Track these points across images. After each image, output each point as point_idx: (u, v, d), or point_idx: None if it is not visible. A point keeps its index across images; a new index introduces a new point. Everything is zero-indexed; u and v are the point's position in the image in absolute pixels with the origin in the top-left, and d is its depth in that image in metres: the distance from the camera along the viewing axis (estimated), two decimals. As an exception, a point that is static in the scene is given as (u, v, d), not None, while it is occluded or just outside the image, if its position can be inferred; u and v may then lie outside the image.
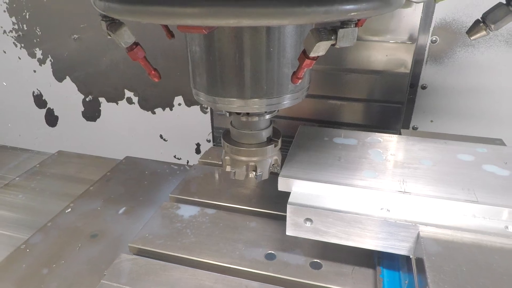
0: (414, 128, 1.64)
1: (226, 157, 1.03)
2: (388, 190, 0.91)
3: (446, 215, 0.87)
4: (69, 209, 1.33)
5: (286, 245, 1.05)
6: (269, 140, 1.00)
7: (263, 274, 0.97)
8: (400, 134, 1.50)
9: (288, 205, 0.91)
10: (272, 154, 1.00)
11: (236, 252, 1.03)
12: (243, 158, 0.98)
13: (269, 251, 1.03)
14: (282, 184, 0.96)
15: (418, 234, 0.84)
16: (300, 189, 0.95)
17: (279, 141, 1.01)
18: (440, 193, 0.90)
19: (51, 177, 1.51)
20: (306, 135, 1.18)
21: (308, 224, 0.91)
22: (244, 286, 0.93)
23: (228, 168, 1.03)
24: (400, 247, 0.87)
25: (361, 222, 0.87)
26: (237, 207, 1.21)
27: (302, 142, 1.13)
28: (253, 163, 0.97)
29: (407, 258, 0.89)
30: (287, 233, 0.94)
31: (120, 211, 1.32)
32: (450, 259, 0.77)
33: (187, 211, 1.19)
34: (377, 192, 0.91)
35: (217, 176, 1.37)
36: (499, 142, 1.24)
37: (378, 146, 1.12)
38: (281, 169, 0.99)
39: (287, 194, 0.94)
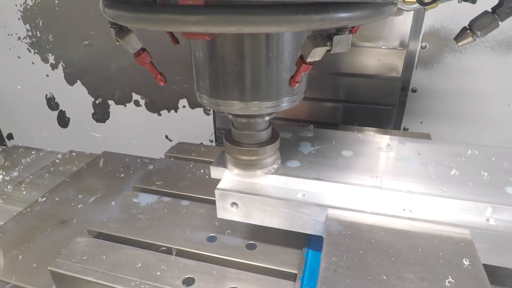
0: (405, 129, 1.64)
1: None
2: (305, 177, 0.94)
3: (353, 199, 0.91)
4: (44, 198, 1.36)
5: (228, 229, 1.08)
6: (268, 141, 1.00)
7: (202, 254, 1.00)
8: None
9: (215, 191, 0.94)
10: (271, 154, 1.00)
11: (182, 235, 1.06)
12: (244, 158, 0.98)
13: (211, 234, 1.06)
14: (215, 172, 1.01)
15: (327, 216, 0.88)
16: (230, 176, 0.99)
17: (278, 141, 1.01)
18: (350, 180, 0.94)
19: (62, 175, 1.52)
20: None
21: (234, 207, 0.95)
22: (182, 264, 0.96)
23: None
24: (314, 228, 0.91)
25: (280, 205, 0.91)
26: (191, 195, 1.23)
27: None
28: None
29: None
30: (218, 216, 0.98)
31: (91, 200, 1.35)
32: (347, 237, 0.81)
33: (145, 199, 1.23)
34: (295, 179, 0.95)
35: (177, 168, 1.40)
36: (426, 136, 1.31)
37: (309, 139, 1.14)
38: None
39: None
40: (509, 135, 1.55)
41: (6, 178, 1.58)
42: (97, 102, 2.06)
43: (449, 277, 0.71)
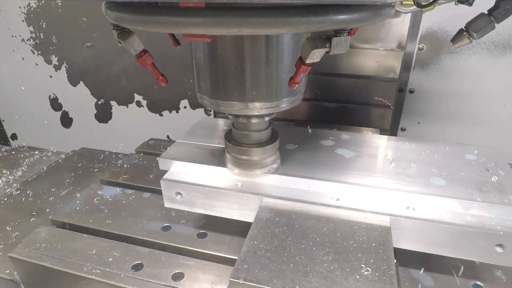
0: (403, 129, 1.64)
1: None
2: (240, 168, 0.99)
3: (287, 189, 0.95)
4: (18, 191, 1.40)
5: (182, 219, 1.12)
6: (268, 141, 1.00)
7: (154, 241, 1.04)
8: (389, 135, 1.50)
9: (161, 181, 0.99)
10: (270, 154, 1.00)
11: (139, 224, 1.10)
12: (244, 157, 0.98)
13: (166, 224, 1.10)
14: (162, 164, 1.05)
15: (260, 204, 0.92)
16: (177, 168, 1.03)
17: (277, 141, 1.01)
18: (286, 171, 0.97)
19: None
20: (203, 124, 1.26)
21: (178, 197, 1.00)
22: (134, 251, 1.00)
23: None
24: (251, 216, 0.93)
25: (219, 194, 0.96)
26: (153, 188, 1.26)
27: (196, 130, 1.22)
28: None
29: None
30: (165, 205, 1.03)
31: (63, 193, 1.39)
32: (274, 223, 0.86)
33: (109, 191, 1.28)
34: (232, 170, 0.99)
35: (144, 162, 1.43)
36: (375, 131, 1.40)
37: None
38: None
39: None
40: (505, 135, 1.55)
41: (10, 177, 1.59)
42: (99, 102, 2.06)
43: (361, 259, 0.75)
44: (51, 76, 2.07)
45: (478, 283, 0.91)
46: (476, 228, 0.80)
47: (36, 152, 1.75)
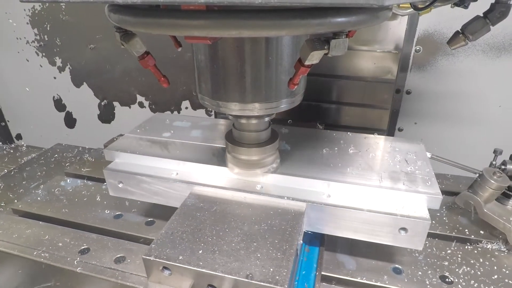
0: (400, 130, 1.64)
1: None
2: (177, 159, 1.03)
3: (216, 178, 1.00)
4: None
5: (134, 208, 1.18)
6: (268, 141, 1.00)
7: (105, 229, 1.10)
8: (387, 135, 1.50)
9: (103, 171, 1.05)
10: (270, 153, 1.00)
11: (93, 213, 1.16)
12: (244, 157, 0.98)
13: (118, 213, 1.16)
14: (108, 155, 1.10)
15: (191, 192, 0.97)
16: (120, 159, 1.09)
17: (277, 141, 1.01)
18: (211, 161, 1.04)
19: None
20: (156, 119, 1.31)
21: (121, 185, 1.05)
22: (84, 237, 1.06)
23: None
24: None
25: (155, 183, 1.01)
26: None
27: (146, 125, 1.26)
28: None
29: None
30: (110, 194, 1.08)
31: (32, 186, 1.43)
32: (198, 208, 0.90)
33: (71, 183, 1.35)
34: (170, 161, 1.04)
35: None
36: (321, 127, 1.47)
37: (203, 127, 1.23)
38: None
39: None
40: (500, 135, 1.55)
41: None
42: (102, 103, 2.06)
43: (267, 240, 0.80)
44: (55, 78, 2.07)
45: (397, 266, 0.97)
46: (383, 214, 0.85)
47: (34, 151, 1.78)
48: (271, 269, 0.72)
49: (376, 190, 0.90)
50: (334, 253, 1.00)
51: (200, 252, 0.76)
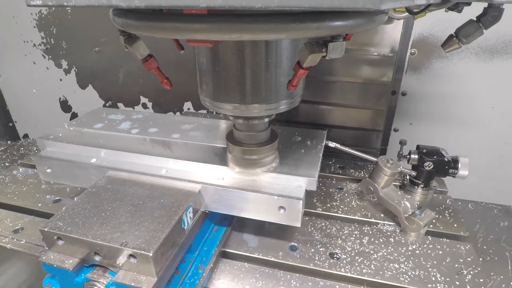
0: (395, 130, 1.64)
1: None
2: (99, 147, 1.10)
3: (130, 163, 1.07)
4: None
5: (72, 194, 1.25)
6: (267, 141, 1.00)
7: (41, 211, 1.17)
8: (383, 135, 1.50)
9: (33, 157, 1.13)
10: (270, 153, 0.99)
11: (35, 198, 1.24)
12: (245, 157, 0.98)
13: (58, 198, 1.24)
14: (40, 144, 1.17)
15: (105, 175, 1.02)
16: (51, 147, 1.16)
17: (276, 141, 1.01)
18: (134, 148, 1.11)
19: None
20: (96, 113, 1.37)
21: (49, 170, 1.11)
22: (21, 219, 1.14)
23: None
24: None
25: (76, 168, 1.08)
26: None
27: (85, 117, 1.33)
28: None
29: None
30: (41, 179, 1.14)
31: None
32: (104, 189, 0.96)
33: (24, 172, 1.42)
34: (91, 149, 1.11)
35: None
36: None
37: (134, 120, 1.29)
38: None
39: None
40: (492, 135, 1.55)
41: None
42: (107, 104, 2.06)
43: (153, 215, 0.85)
44: (61, 80, 2.07)
45: (294, 244, 1.04)
46: (264, 194, 0.92)
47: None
48: (146, 239, 0.77)
49: (263, 174, 0.97)
50: (242, 233, 1.08)
51: (90, 225, 0.82)
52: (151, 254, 0.72)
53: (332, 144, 1.16)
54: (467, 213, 1.31)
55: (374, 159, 1.19)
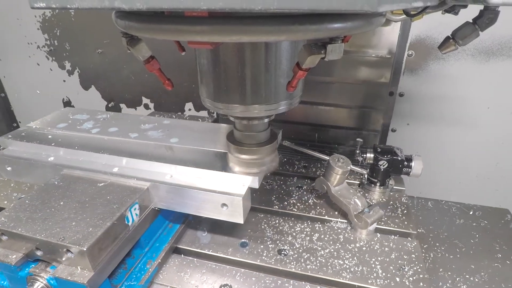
0: (393, 130, 1.64)
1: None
2: (57, 145, 1.10)
3: (85, 162, 1.07)
4: None
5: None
6: (267, 141, 1.00)
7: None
8: (380, 135, 1.51)
9: None
10: (270, 153, 0.99)
11: (4, 193, 1.22)
12: (245, 157, 0.98)
13: (23, 195, 1.19)
14: (2, 143, 1.17)
15: (60, 173, 1.03)
16: (13, 146, 1.16)
17: (276, 141, 1.01)
18: (85, 148, 1.10)
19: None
20: (63, 112, 1.38)
21: (9, 169, 1.12)
22: None
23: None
24: None
25: (34, 166, 1.08)
26: None
27: (50, 117, 1.33)
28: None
29: None
30: (3, 176, 1.16)
31: None
32: (56, 186, 0.96)
33: None
34: (49, 147, 1.11)
35: None
36: (212, 118, 1.47)
37: (97, 120, 1.28)
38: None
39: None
40: (488, 135, 1.55)
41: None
42: (110, 105, 2.06)
43: (95, 211, 0.85)
44: (64, 81, 2.07)
45: (245, 240, 1.05)
46: (205, 191, 0.92)
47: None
48: (83, 235, 0.78)
49: (210, 172, 0.97)
50: (196, 230, 1.09)
51: (34, 220, 0.83)
52: (85, 249, 0.74)
53: (286, 143, 1.17)
54: (425, 211, 1.31)
55: (326, 157, 1.19)
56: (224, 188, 0.93)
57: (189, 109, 1.90)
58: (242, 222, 0.92)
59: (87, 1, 0.53)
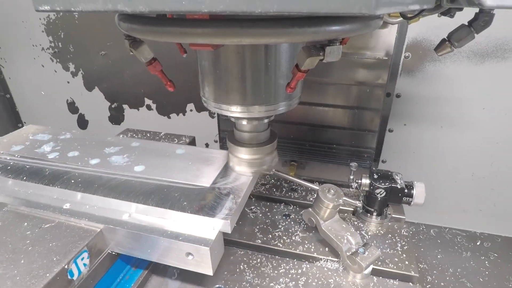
0: (390, 131, 1.64)
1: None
2: (5, 175, 0.98)
3: (32, 195, 0.94)
4: None
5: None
6: (267, 141, 1.00)
7: None
8: (378, 135, 1.50)
9: None
10: (269, 152, 0.99)
11: None
12: (245, 157, 0.98)
13: None
14: None
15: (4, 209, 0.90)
16: None
17: (275, 141, 1.01)
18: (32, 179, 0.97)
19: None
20: (24, 131, 1.25)
21: None
22: None
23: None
24: None
25: None
26: None
27: (10, 137, 1.22)
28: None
29: None
30: None
31: None
32: (7, 226, 0.83)
33: None
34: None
35: None
36: (189, 138, 1.35)
37: (59, 141, 1.17)
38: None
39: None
40: (484, 136, 1.55)
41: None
42: (113, 106, 2.06)
43: (32, 256, 0.73)
44: (68, 82, 2.07)
45: (220, 286, 0.92)
46: (166, 238, 0.79)
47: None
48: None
49: (175, 213, 0.83)
50: (163, 276, 0.96)
51: None
52: None
53: (270, 172, 1.02)
54: (428, 241, 1.16)
55: (315, 187, 1.02)
56: (191, 233, 0.80)
57: (191, 110, 1.90)
58: (211, 273, 0.79)
59: (90, 4, 0.53)
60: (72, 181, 0.95)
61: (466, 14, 0.80)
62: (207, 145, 1.96)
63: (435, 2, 0.64)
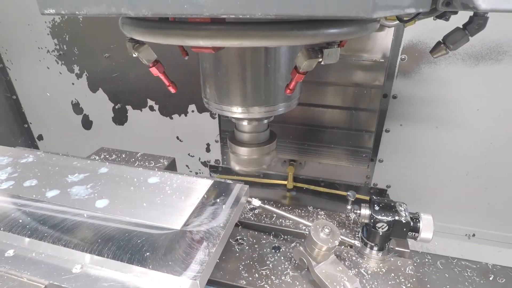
0: (387, 131, 1.64)
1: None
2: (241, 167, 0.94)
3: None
4: None
5: None
6: (267, 141, 1.00)
7: None
8: (375, 136, 1.50)
9: None
10: (269, 152, 0.99)
11: None
12: (245, 156, 0.98)
13: None
14: None
15: None
16: None
17: (275, 141, 1.01)
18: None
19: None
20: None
21: None
22: None
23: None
24: None
25: None
26: None
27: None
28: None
29: None
30: None
31: None
32: None
33: None
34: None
35: None
36: (168, 160, 1.21)
37: (19, 165, 1.03)
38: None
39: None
40: (478, 136, 1.55)
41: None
42: (116, 107, 2.06)
43: None
44: (73, 84, 2.07)
45: None
46: None
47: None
48: None
49: (133, 268, 0.69)
50: None
51: None
52: None
53: (256, 203, 0.90)
54: (434, 276, 1.01)
55: (308, 223, 0.90)
56: None
57: (192, 111, 1.90)
58: None
59: (95, 7, 0.53)
60: (20, 220, 0.80)
61: (461, 17, 0.80)
62: (208, 145, 1.96)
63: (431, 6, 0.64)
